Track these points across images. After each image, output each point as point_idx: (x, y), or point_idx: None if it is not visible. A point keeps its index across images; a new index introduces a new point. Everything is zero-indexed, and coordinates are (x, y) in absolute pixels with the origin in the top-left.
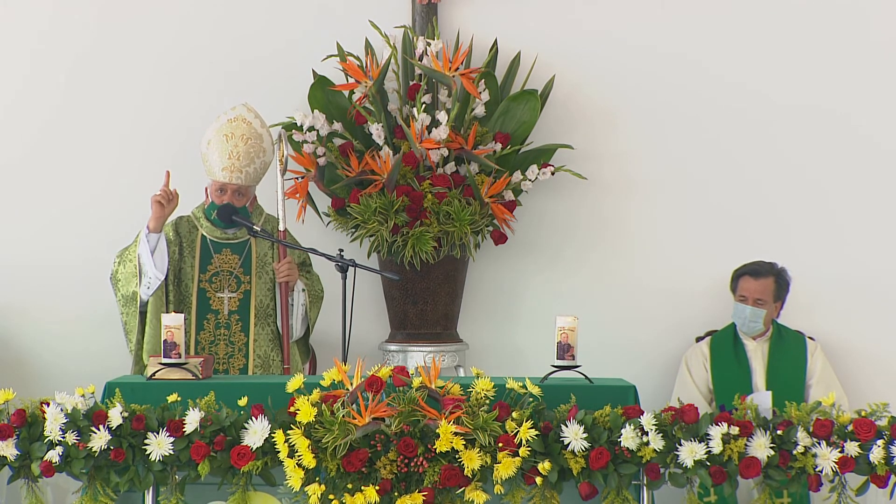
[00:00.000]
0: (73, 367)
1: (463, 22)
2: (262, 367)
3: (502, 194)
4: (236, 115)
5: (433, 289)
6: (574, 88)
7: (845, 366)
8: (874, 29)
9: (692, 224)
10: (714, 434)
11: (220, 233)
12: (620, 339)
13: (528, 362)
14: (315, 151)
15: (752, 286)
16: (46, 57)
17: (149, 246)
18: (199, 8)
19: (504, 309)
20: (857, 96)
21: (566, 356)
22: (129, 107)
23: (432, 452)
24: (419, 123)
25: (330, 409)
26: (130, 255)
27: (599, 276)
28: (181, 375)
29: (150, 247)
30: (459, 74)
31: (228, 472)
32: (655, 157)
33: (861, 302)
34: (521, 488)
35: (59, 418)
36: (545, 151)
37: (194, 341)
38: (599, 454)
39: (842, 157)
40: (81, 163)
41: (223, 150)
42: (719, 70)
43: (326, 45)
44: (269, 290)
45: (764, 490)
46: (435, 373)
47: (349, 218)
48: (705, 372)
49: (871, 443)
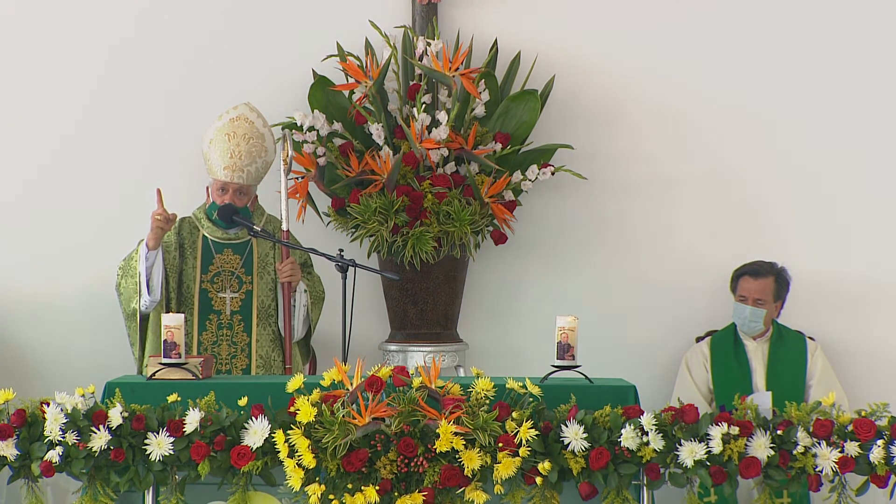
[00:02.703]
0: (73, 367)
1: (463, 22)
2: (263, 367)
3: (502, 194)
4: (238, 115)
5: (433, 289)
6: (574, 88)
7: (845, 366)
8: (876, 28)
9: (692, 224)
10: (714, 434)
11: (222, 233)
12: (620, 339)
13: (528, 362)
14: (315, 151)
15: (752, 286)
16: (44, 57)
17: (146, 263)
18: (199, 8)
19: (504, 309)
20: (857, 96)
21: (566, 356)
22: (129, 107)
23: (432, 452)
24: (419, 123)
25: (330, 409)
26: (133, 269)
27: (599, 275)
28: (181, 375)
29: (147, 264)
30: (459, 74)
31: (228, 472)
32: (655, 157)
33: (861, 302)
34: (521, 488)
35: (59, 418)
36: (545, 151)
37: (196, 342)
38: (599, 454)
39: (842, 157)
40: (82, 163)
41: (225, 150)
42: (719, 70)
43: (326, 45)
44: (270, 290)
45: (764, 490)
46: (435, 373)
47: (349, 218)
48: (705, 372)
49: (871, 443)
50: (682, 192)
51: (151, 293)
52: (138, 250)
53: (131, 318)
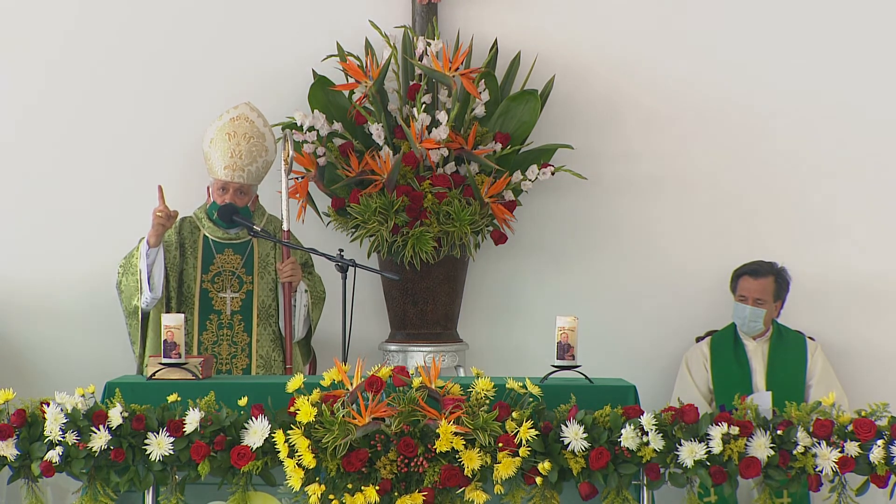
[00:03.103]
0: (73, 367)
1: (463, 22)
2: (263, 367)
3: (502, 194)
4: (239, 114)
5: (433, 289)
6: (574, 88)
7: (845, 366)
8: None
9: (692, 224)
10: (714, 434)
11: (222, 233)
12: (620, 339)
13: (528, 362)
14: (315, 151)
15: (752, 286)
16: (45, 57)
17: (147, 260)
18: (199, 8)
19: (504, 309)
20: (859, 96)
21: (566, 356)
22: (129, 106)
23: (432, 452)
24: (419, 123)
25: (330, 409)
26: (133, 267)
27: (599, 276)
28: (181, 375)
29: (148, 261)
30: (459, 74)
31: (228, 472)
32: (655, 157)
33: (861, 302)
34: (521, 488)
35: (59, 418)
36: (545, 151)
37: (197, 342)
38: (599, 454)
39: (842, 157)
40: (82, 163)
41: (225, 149)
42: (719, 70)
43: (326, 46)
44: (271, 290)
45: (764, 490)
46: (435, 373)
47: (349, 218)
48: (705, 372)
49: (871, 443)
50: (681, 192)
51: (153, 290)
52: (139, 248)
53: (132, 317)
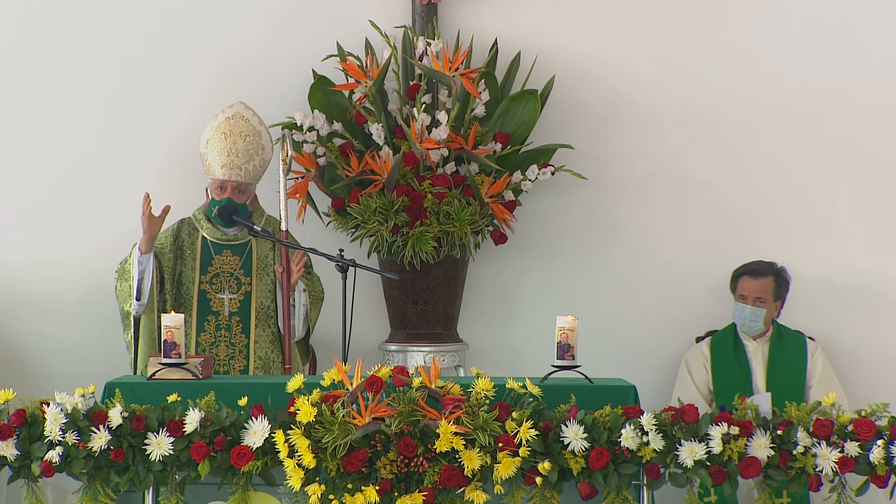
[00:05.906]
0: (73, 367)
1: (463, 22)
2: (262, 368)
3: (502, 194)
4: (234, 113)
5: (433, 289)
6: (574, 88)
7: (845, 366)
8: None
9: (692, 224)
10: (714, 434)
11: (221, 234)
12: (620, 339)
13: (528, 362)
14: (315, 151)
15: (752, 286)
16: (45, 57)
17: (140, 268)
18: (199, 8)
19: (504, 309)
20: (856, 95)
21: (566, 356)
22: (129, 107)
23: (432, 452)
24: (419, 123)
25: (330, 409)
26: (127, 273)
27: (599, 276)
28: (181, 375)
29: (140, 268)
30: (459, 74)
31: (228, 472)
32: (655, 157)
33: (861, 302)
34: (521, 488)
35: (59, 418)
36: (545, 151)
37: (195, 343)
38: (599, 454)
39: (842, 157)
40: (81, 163)
41: (222, 148)
42: (718, 70)
43: (326, 45)
44: (269, 291)
45: (764, 490)
46: (435, 373)
47: (349, 218)
48: (705, 372)
49: (871, 443)
50: (681, 192)
51: (140, 298)
52: (132, 254)
53: (126, 321)
